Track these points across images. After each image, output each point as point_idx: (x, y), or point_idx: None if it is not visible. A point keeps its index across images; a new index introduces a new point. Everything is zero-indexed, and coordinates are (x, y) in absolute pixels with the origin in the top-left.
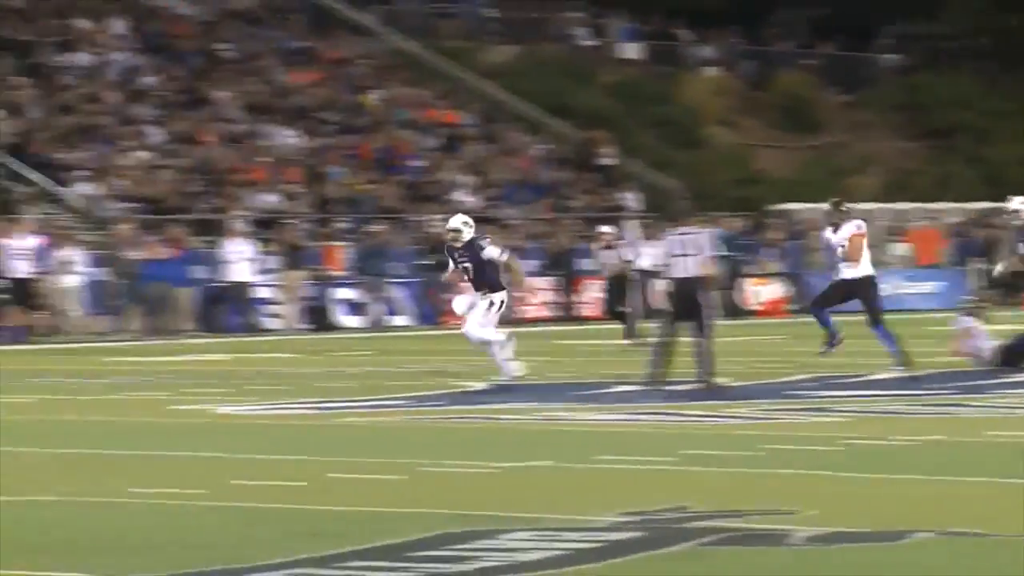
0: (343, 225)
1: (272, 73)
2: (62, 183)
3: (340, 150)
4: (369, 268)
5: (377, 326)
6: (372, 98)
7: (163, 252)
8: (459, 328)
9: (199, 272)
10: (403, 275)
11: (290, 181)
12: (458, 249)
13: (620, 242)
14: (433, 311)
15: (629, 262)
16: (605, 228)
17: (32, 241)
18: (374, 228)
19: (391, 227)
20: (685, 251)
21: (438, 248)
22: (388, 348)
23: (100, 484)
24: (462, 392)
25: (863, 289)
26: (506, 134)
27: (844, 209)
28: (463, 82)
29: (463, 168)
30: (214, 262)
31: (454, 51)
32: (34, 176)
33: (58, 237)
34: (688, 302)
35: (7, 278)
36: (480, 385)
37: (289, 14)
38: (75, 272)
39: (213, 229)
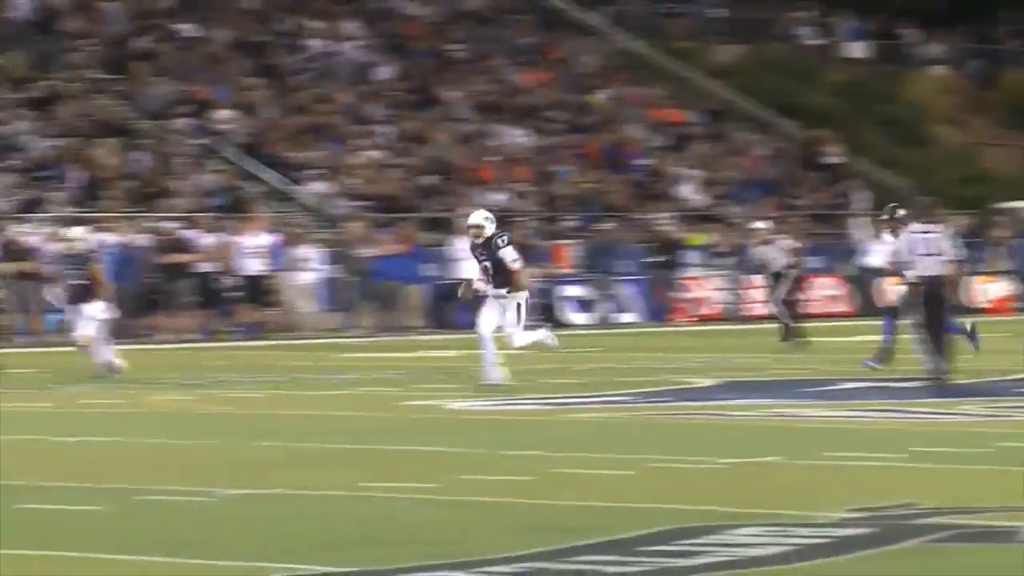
0: (571, 223)
1: (501, 73)
2: (295, 182)
3: (568, 149)
4: (597, 265)
5: (605, 323)
6: (600, 97)
7: (394, 250)
8: (682, 325)
9: (429, 269)
10: (631, 272)
11: (518, 180)
12: (479, 246)
13: (777, 238)
14: (661, 308)
15: (797, 255)
16: (760, 224)
17: (265, 239)
18: (602, 226)
19: (619, 225)
20: (928, 250)
21: (666, 246)
22: (616, 345)
23: (332, 478)
24: (689, 388)
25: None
26: (732, 133)
27: (900, 215)
28: (690, 81)
29: (689, 166)
30: (444, 259)
31: (681, 51)
32: (267, 175)
33: (291, 235)
34: (930, 300)
35: (240, 275)
36: (708, 381)
37: (518, 14)
38: (309, 269)
39: (443, 227)
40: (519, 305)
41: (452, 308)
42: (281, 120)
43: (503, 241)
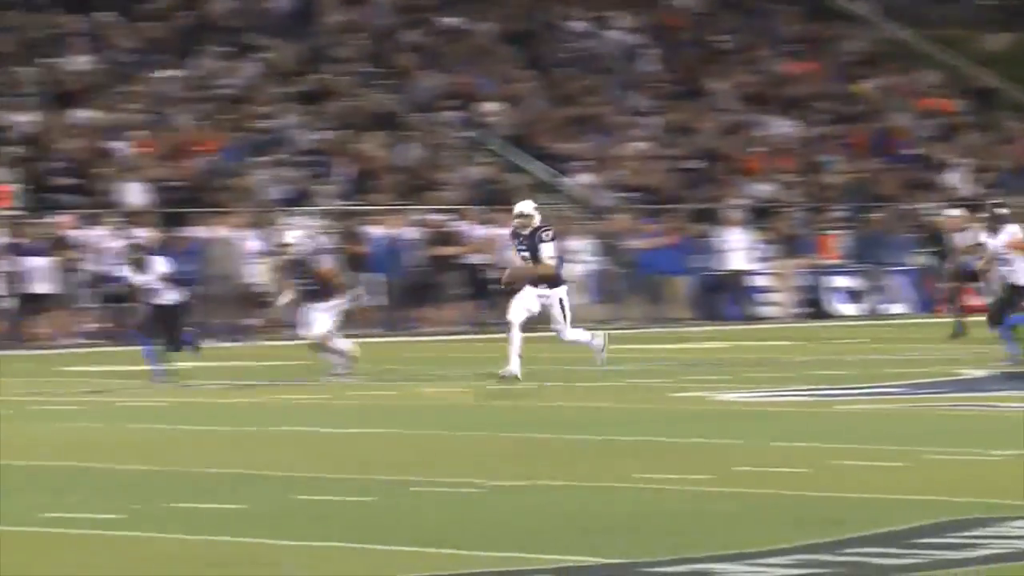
0: (838, 213)
1: (767, 63)
2: (561, 174)
3: (835, 139)
4: (866, 256)
5: (874, 314)
6: (867, 86)
7: (661, 241)
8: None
9: (696, 261)
10: (901, 263)
11: (785, 170)
12: (521, 236)
13: (972, 226)
14: (931, 299)
15: (980, 246)
16: (955, 211)
17: None
18: (870, 216)
19: (888, 215)
20: None
21: (936, 236)
22: (885, 336)
23: (606, 469)
24: (962, 379)
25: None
26: (1002, 121)
27: (999, 213)
28: (959, 69)
29: (959, 155)
30: (711, 251)
31: (949, 39)
32: (533, 167)
33: (558, 228)
34: None
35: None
36: (980, 372)
37: (785, 4)
38: (576, 262)
39: (709, 218)
40: (561, 300)
41: (720, 299)
42: (547, 112)
43: (547, 235)
